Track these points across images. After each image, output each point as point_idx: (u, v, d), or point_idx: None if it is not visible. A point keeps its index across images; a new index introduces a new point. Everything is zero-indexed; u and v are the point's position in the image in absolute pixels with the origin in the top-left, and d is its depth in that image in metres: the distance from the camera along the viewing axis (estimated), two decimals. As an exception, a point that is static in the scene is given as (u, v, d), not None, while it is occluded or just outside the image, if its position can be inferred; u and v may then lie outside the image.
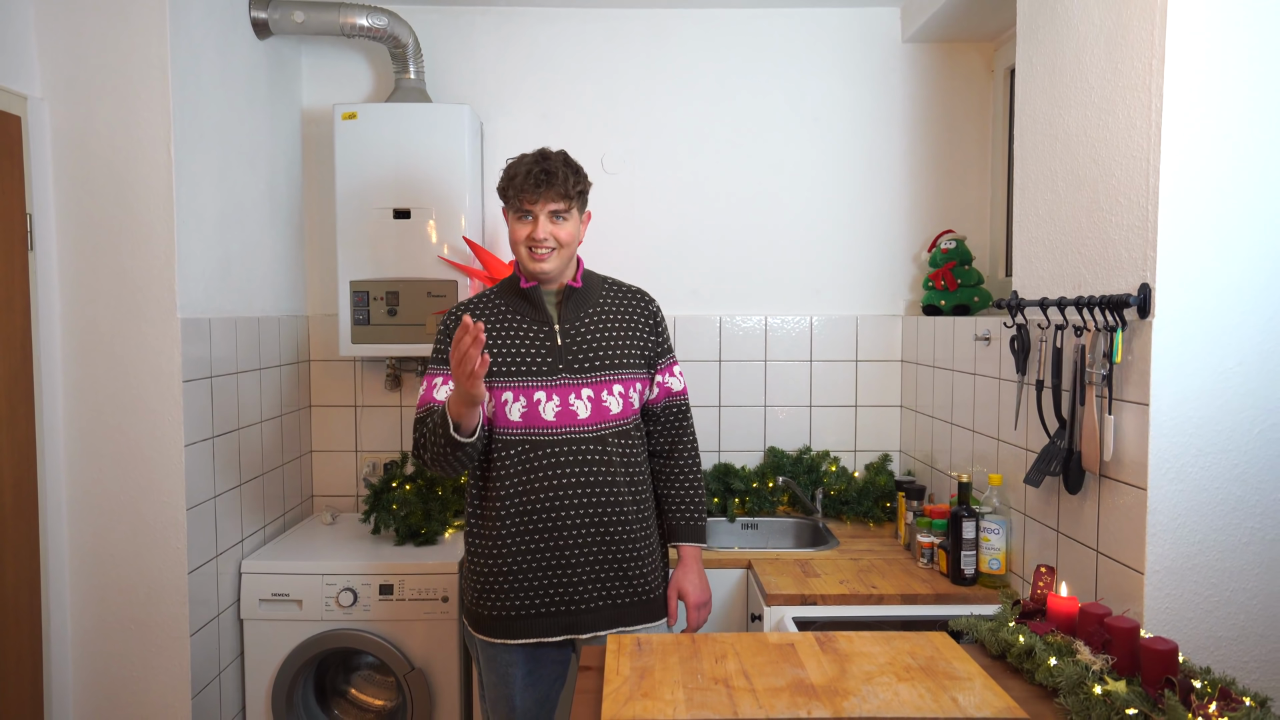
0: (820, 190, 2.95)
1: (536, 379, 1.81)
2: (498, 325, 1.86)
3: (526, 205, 1.79)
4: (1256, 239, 1.55)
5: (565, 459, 1.79)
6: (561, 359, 1.83)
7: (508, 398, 1.81)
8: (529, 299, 1.87)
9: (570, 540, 1.80)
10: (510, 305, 1.88)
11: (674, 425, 1.99)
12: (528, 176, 1.78)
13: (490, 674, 1.87)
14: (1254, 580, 1.57)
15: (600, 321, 1.89)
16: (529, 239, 1.80)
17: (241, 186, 2.43)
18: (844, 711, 1.24)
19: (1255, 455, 1.56)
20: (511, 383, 1.81)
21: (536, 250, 1.80)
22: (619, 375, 1.86)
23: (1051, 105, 1.94)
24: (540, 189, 1.77)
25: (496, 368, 1.81)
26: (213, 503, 2.23)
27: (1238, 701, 1.17)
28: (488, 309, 1.89)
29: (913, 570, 2.28)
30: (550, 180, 1.78)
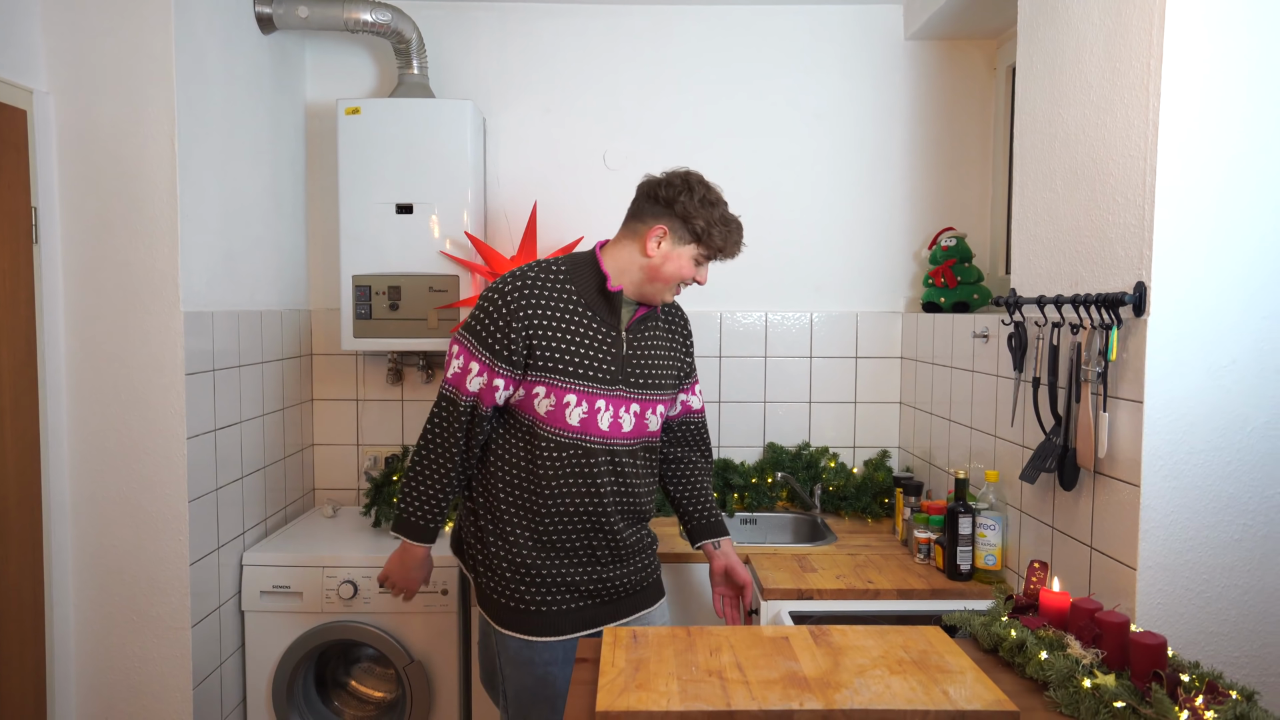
0: (821, 187, 2.95)
1: (600, 386, 1.78)
2: (571, 320, 1.78)
3: (717, 259, 1.83)
4: (1252, 239, 1.56)
5: (607, 467, 1.81)
6: (623, 371, 1.81)
7: (570, 400, 1.76)
8: (610, 303, 1.81)
9: (607, 540, 1.84)
10: (586, 301, 1.80)
11: (694, 439, 2.07)
12: (739, 241, 1.84)
13: (527, 676, 1.80)
14: (1245, 576, 1.58)
15: (657, 339, 1.90)
16: (692, 280, 1.83)
17: (245, 180, 2.45)
18: (836, 704, 1.25)
19: (1248, 453, 1.57)
20: (577, 386, 1.77)
21: (679, 291, 1.85)
22: (663, 395, 1.90)
23: (1051, 104, 1.95)
24: (738, 249, 1.85)
25: (564, 365, 1.75)
26: (214, 495, 2.25)
27: (1224, 695, 1.18)
28: (557, 293, 1.78)
29: (909, 566, 2.29)
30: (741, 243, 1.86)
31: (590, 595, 1.84)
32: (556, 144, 2.94)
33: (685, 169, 1.86)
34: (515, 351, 1.75)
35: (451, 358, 1.80)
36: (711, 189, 1.83)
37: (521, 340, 1.75)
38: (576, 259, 1.86)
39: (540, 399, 1.76)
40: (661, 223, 1.79)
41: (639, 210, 1.84)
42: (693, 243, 1.80)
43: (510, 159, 2.94)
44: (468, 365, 1.77)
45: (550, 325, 1.76)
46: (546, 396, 1.76)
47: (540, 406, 1.77)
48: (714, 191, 1.83)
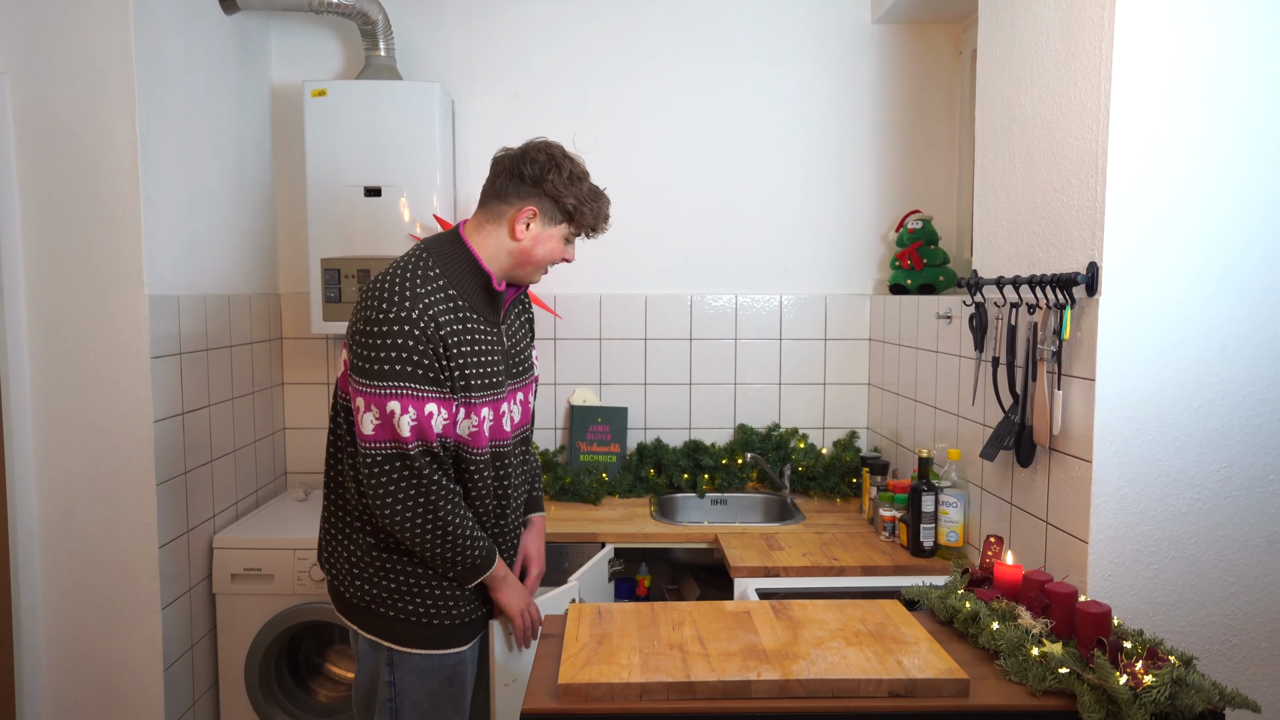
0: (790, 170, 2.97)
1: (500, 390, 1.69)
2: (466, 330, 1.61)
3: (588, 237, 1.74)
4: (1200, 220, 1.60)
5: (511, 465, 1.74)
6: (508, 365, 1.73)
7: (487, 414, 1.65)
8: (493, 301, 1.68)
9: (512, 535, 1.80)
10: (471, 304, 1.63)
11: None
12: (608, 218, 1.75)
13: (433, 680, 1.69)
14: (1191, 549, 1.63)
15: (518, 319, 1.83)
16: (561, 260, 1.73)
17: (209, 163, 2.43)
18: (793, 674, 1.28)
19: (1194, 429, 1.62)
20: (486, 397, 1.65)
21: (547, 272, 1.76)
22: (532, 375, 1.85)
23: (1010, 87, 1.98)
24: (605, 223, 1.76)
25: (474, 380, 1.61)
26: (183, 479, 2.24)
27: (1163, 660, 1.23)
28: (453, 309, 1.60)
29: (875, 543, 2.33)
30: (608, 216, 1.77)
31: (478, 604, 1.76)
32: (526, 128, 2.92)
33: (543, 140, 1.70)
34: (445, 379, 1.58)
35: (392, 416, 1.52)
36: (577, 162, 1.69)
37: (445, 366, 1.58)
38: (447, 254, 1.64)
39: (460, 422, 1.62)
40: (529, 203, 1.64)
41: (502, 190, 1.66)
42: (564, 222, 1.68)
43: (479, 143, 2.93)
44: (425, 410, 1.54)
45: (457, 343, 1.59)
46: (466, 417, 1.62)
47: (463, 429, 1.62)
48: (579, 164, 1.70)
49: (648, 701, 1.26)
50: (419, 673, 1.68)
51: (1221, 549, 1.64)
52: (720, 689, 1.27)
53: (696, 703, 1.26)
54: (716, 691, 1.26)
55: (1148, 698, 1.18)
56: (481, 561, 1.66)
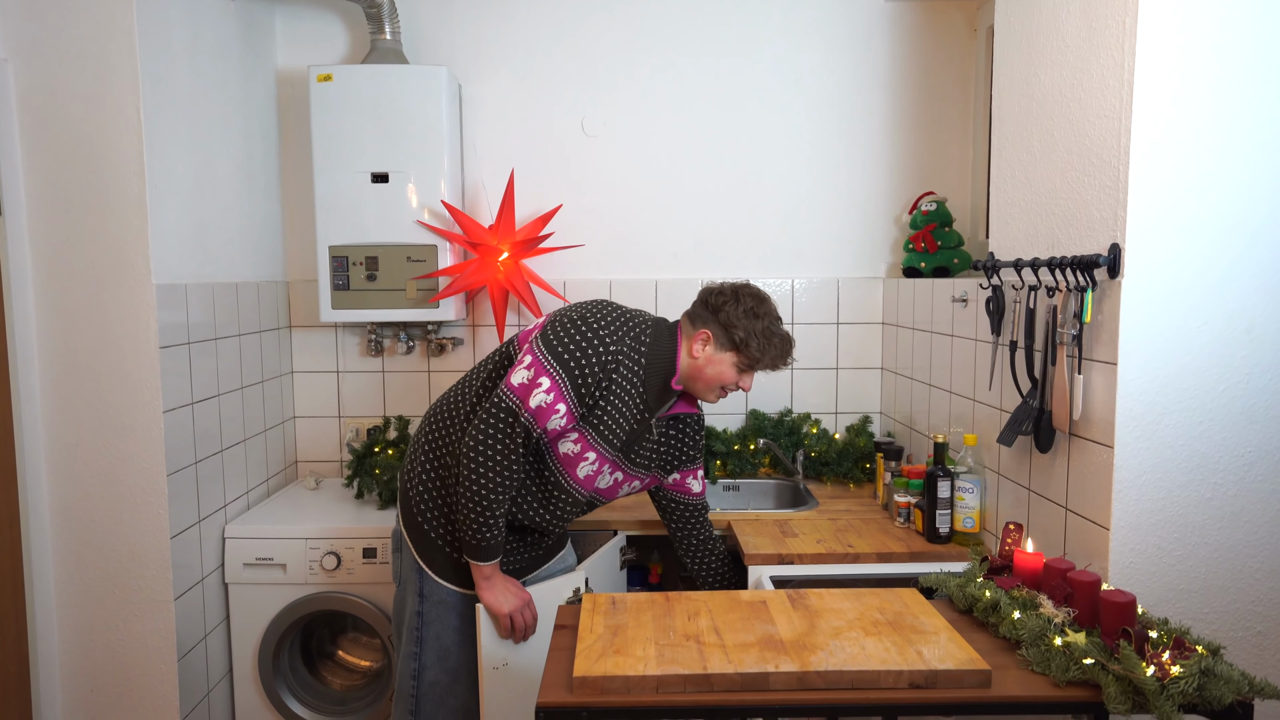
0: (802, 152, 2.93)
1: (610, 451, 1.86)
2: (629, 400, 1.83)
3: (761, 368, 1.88)
4: (1226, 200, 1.56)
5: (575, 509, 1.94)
6: (630, 446, 1.89)
7: (590, 456, 1.84)
8: (663, 395, 1.89)
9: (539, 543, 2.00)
10: (647, 387, 1.86)
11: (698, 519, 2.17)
12: (782, 351, 1.87)
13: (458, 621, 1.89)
14: (1215, 534, 1.60)
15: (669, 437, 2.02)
16: (735, 387, 1.89)
17: (215, 150, 2.41)
18: (811, 665, 1.27)
19: (1219, 413, 1.58)
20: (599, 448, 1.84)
21: (724, 395, 1.90)
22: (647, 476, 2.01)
23: (1029, 65, 1.93)
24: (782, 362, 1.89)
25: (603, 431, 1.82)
26: (194, 468, 2.24)
27: (1190, 650, 1.20)
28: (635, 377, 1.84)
29: (889, 529, 2.31)
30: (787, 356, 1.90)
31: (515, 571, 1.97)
32: (534, 111, 2.90)
33: (745, 282, 1.92)
34: (585, 400, 1.78)
35: (523, 368, 1.76)
36: (762, 303, 1.88)
37: (595, 394, 1.79)
38: (660, 338, 1.87)
39: (566, 440, 1.82)
40: (707, 328, 1.86)
41: (694, 314, 1.90)
42: (732, 350, 1.85)
43: (487, 127, 2.90)
44: (538, 380, 1.74)
45: (617, 392, 1.81)
46: (575, 443, 1.82)
47: (563, 446, 1.83)
48: (764, 305, 1.88)
49: (664, 694, 1.24)
50: (444, 607, 1.88)
51: (1246, 534, 1.61)
52: (738, 681, 1.25)
53: (714, 695, 1.24)
54: (734, 683, 1.25)
55: (1175, 689, 1.15)
56: (478, 546, 1.78)
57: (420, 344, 2.95)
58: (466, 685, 1.89)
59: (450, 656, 1.88)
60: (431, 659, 1.88)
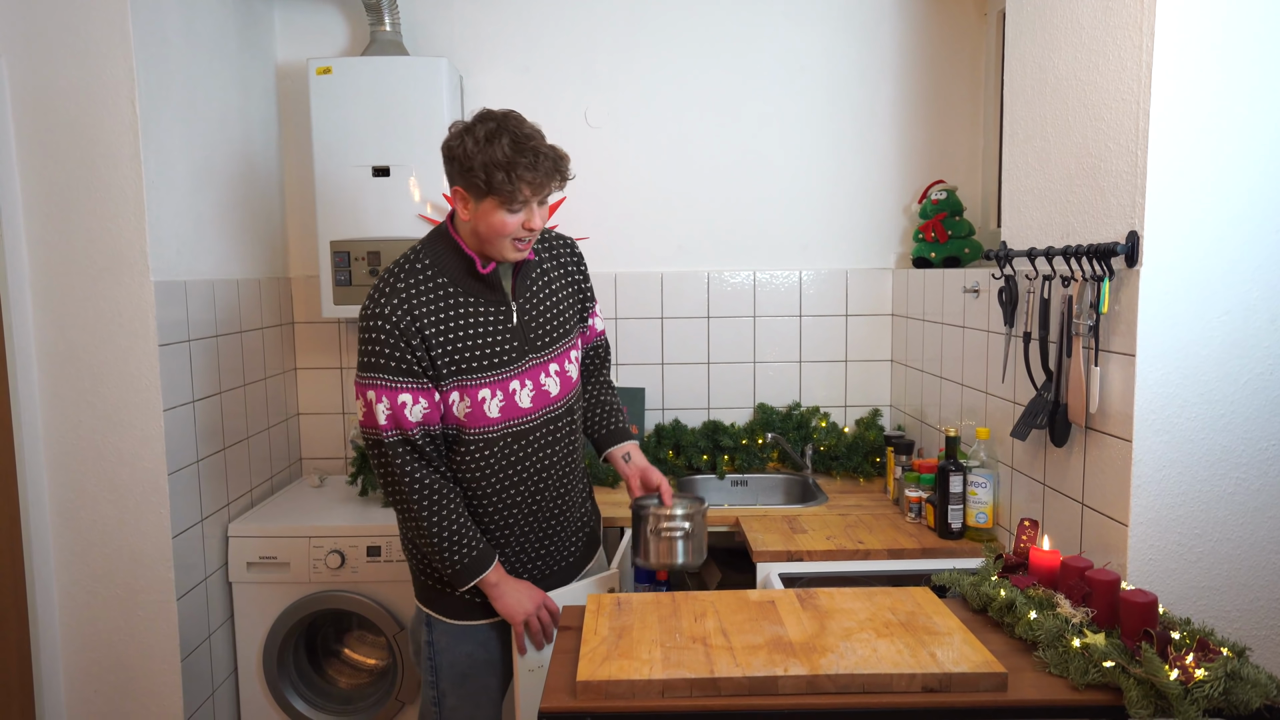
0: (809, 141, 2.88)
1: (509, 369, 1.66)
2: (456, 316, 1.63)
3: (526, 198, 1.56)
4: (1248, 186, 1.51)
5: (545, 440, 1.72)
6: (525, 340, 1.69)
7: (485, 395, 1.63)
8: (488, 283, 1.66)
9: (551, 512, 1.77)
10: (466, 291, 1.64)
11: (596, 359, 1.97)
12: (539, 168, 1.53)
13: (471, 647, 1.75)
14: (1238, 530, 1.56)
15: (546, 286, 1.76)
16: (525, 229, 1.59)
17: (214, 145, 2.38)
18: (821, 669, 1.23)
19: (1241, 405, 1.54)
20: (485, 379, 1.63)
21: (522, 242, 1.62)
22: (572, 340, 1.79)
23: (1042, 48, 1.88)
24: (551, 179, 1.57)
25: (467, 363, 1.62)
26: (195, 467, 2.21)
27: (1215, 652, 1.16)
28: (435, 296, 1.62)
29: (900, 525, 2.27)
30: (560, 169, 1.58)
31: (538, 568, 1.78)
32: (536, 103, 2.86)
33: (482, 109, 1.59)
34: (423, 367, 1.60)
35: (371, 405, 1.59)
36: (495, 121, 1.54)
37: (423, 354, 1.60)
38: (435, 245, 1.66)
39: (456, 405, 1.63)
40: (455, 182, 1.59)
41: (446, 173, 1.63)
42: (486, 195, 1.55)
43: (489, 118, 2.85)
44: (398, 400, 1.58)
45: (440, 330, 1.61)
46: (461, 400, 1.63)
47: (458, 412, 1.64)
48: (505, 122, 1.54)
49: (670, 699, 1.21)
50: (452, 635, 1.76)
51: (1270, 530, 1.56)
52: (746, 685, 1.21)
53: (721, 699, 1.21)
54: (742, 688, 1.21)
55: (1200, 693, 1.11)
56: (464, 567, 1.63)
57: (424, 339, 2.91)
58: (490, 707, 1.79)
59: (467, 682, 1.76)
60: (449, 685, 1.76)
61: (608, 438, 1.92)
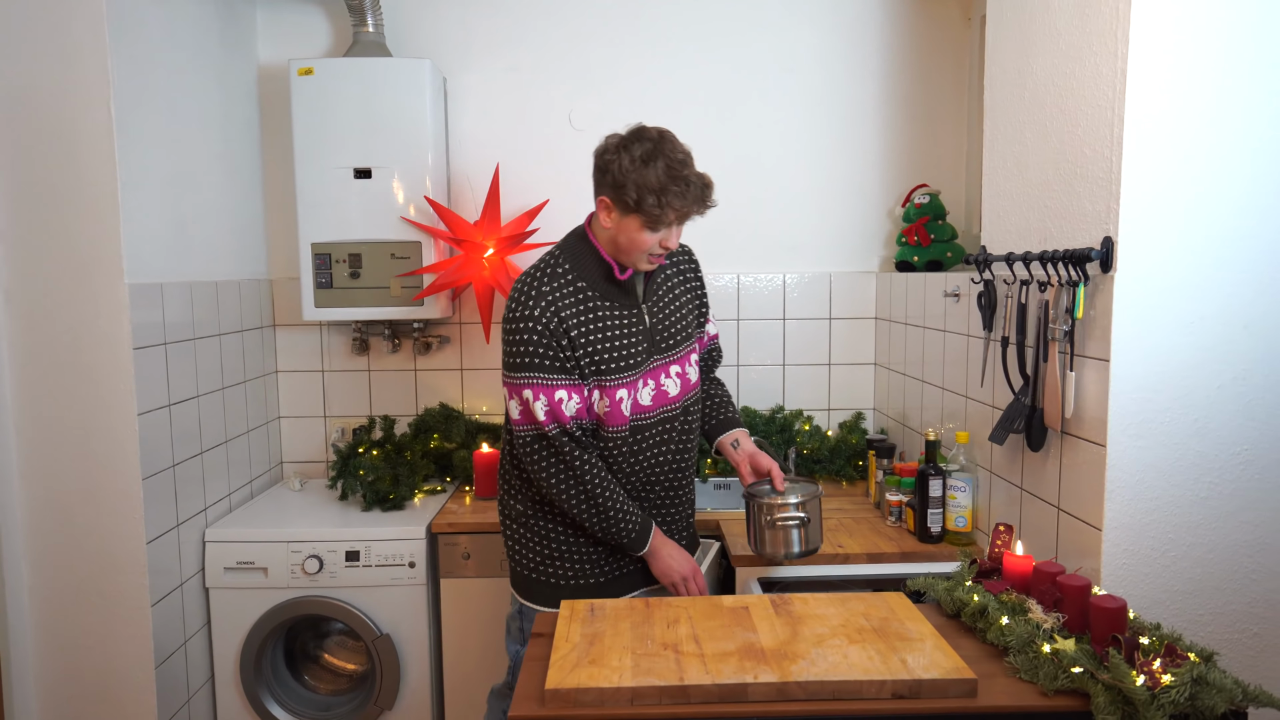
0: (793, 145, 2.88)
1: (639, 370, 1.76)
2: (597, 320, 1.72)
3: (671, 222, 1.66)
4: (1221, 192, 1.51)
5: (661, 438, 1.81)
6: (653, 343, 1.79)
7: (622, 395, 1.74)
8: (624, 288, 1.76)
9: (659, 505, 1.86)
10: (600, 292, 1.73)
11: (713, 360, 2.07)
12: (687, 197, 1.63)
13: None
14: (1210, 534, 1.56)
15: (672, 290, 1.87)
16: (662, 246, 1.69)
17: (193, 146, 2.36)
18: (791, 675, 1.22)
19: (1216, 410, 1.54)
20: (622, 379, 1.73)
21: (656, 256, 1.72)
22: (691, 344, 1.88)
23: (1020, 54, 1.88)
24: (696, 207, 1.67)
25: (607, 365, 1.71)
26: (171, 471, 2.19)
27: (1182, 658, 1.16)
28: (577, 300, 1.72)
29: (881, 529, 2.27)
30: (705, 198, 1.68)
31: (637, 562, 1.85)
32: (521, 105, 2.85)
33: (638, 125, 1.70)
34: (574, 367, 1.70)
35: (528, 402, 1.69)
36: (658, 144, 1.64)
37: (571, 355, 1.70)
38: (574, 249, 1.76)
39: (596, 403, 1.74)
40: (603, 193, 1.68)
41: (594, 180, 1.72)
42: (632, 213, 1.64)
43: (473, 120, 2.85)
44: (555, 396, 1.68)
45: (583, 333, 1.71)
46: (601, 399, 1.73)
47: (599, 409, 1.74)
48: (661, 145, 1.64)
49: (639, 706, 1.20)
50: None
51: (1243, 534, 1.57)
52: (715, 692, 1.21)
53: (690, 707, 1.20)
54: (711, 695, 1.21)
55: (1166, 698, 1.11)
56: (636, 535, 1.76)
57: (406, 342, 2.90)
58: None
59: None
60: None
61: (716, 427, 1.98)
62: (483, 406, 2.92)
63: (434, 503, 2.57)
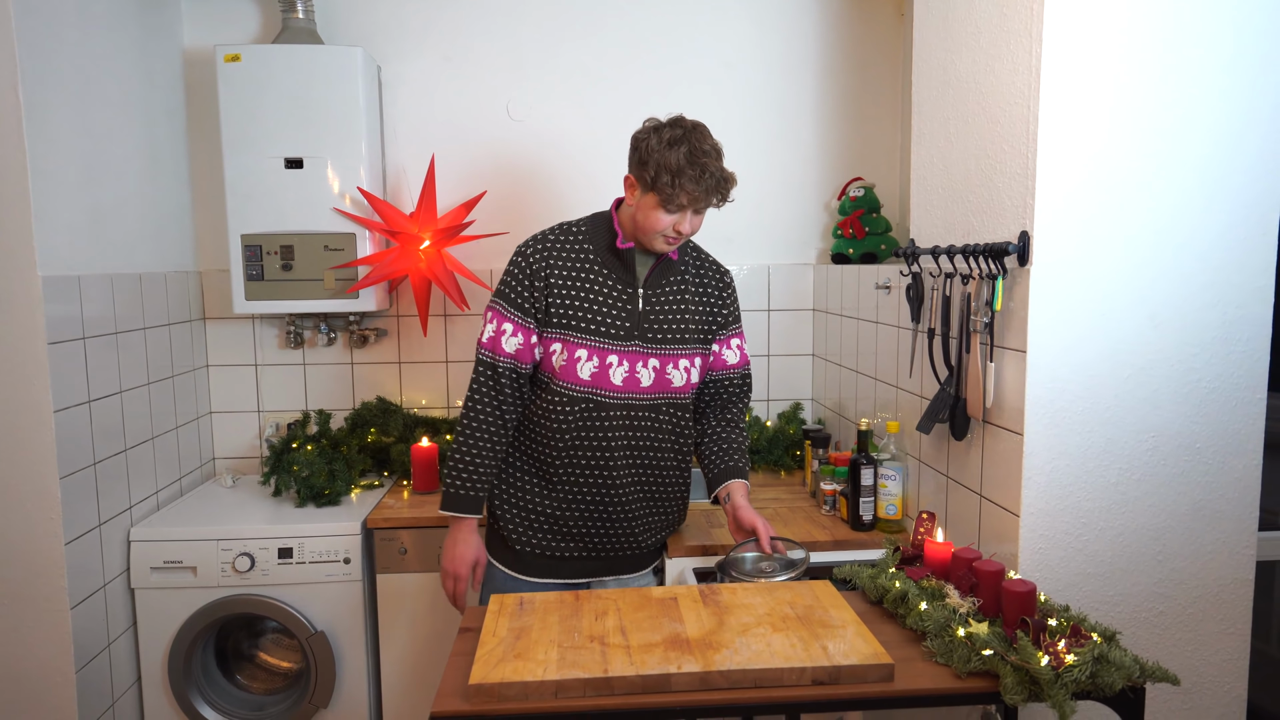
0: (732, 137, 2.85)
1: (613, 342, 1.79)
2: (584, 276, 1.81)
3: (683, 205, 1.72)
4: (1133, 188, 1.57)
5: (620, 423, 1.82)
6: (639, 326, 1.82)
7: (581, 355, 1.78)
8: (622, 259, 1.83)
9: (617, 495, 1.86)
10: (601, 259, 1.82)
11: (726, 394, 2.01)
12: (701, 183, 1.69)
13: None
14: (1120, 519, 1.62)
15: (682, 295, 1.88)
16: (675, 230, 1.75)
17: (112, 133, 2.28)
18: (714, 664, 1.24)
19: (1125, 399, 1.60)
20: (587, 341, 1.78)
21: (671, 239, 1.77)
22: (686, 351, 1.87)
23: (945, 50, 1.92)
24: (710, 196, 1.73)
25: (576, 321, 1.78)
26: (92, 470, 2.13)
27: (1086, 638, 1.21)
28: (574, 254, 1.82)
29: (816, 518, 2.31)
30: (721, 190, 1.74)
31: (587, 548, 1.90)
32: (457, 95, 2.81)
33: (678, 114, 1.79)
34: (538, 308, 1.80)
35: (485, 323, 1.83)
36: (683, 129, 1.72)
37: (541, 296, 1.79)
38: (596, 217, 1.88)
39: (556, 355, 1.79)
40: (631, 170, 1.78)
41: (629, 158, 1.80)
42: (649, 191, 1.73)
43: (409, 110, 2.80)
44: (501, 327, 1.80)
45: (565, 283, 1.79)
46: (561, 352, 1.78)
47: (555, 362, 1.80)
48: (693, 134, 1.72)
49: (563, 699, 1.21)
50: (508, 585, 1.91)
51: (1150, 518, 1.63)
52: (639, 683, 1.22)
53: (614, 699, 1.21)
54: (635, 686, 1.22)
55: (1069, 677, 1.16)
56: (455, 495, 1.81)
57: (343, 335, 2.85)
58: None
59: None
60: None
61: (717, 477, 1.96)
62: (421, 400, 2.89)
63: (371, 498, 2.54)
